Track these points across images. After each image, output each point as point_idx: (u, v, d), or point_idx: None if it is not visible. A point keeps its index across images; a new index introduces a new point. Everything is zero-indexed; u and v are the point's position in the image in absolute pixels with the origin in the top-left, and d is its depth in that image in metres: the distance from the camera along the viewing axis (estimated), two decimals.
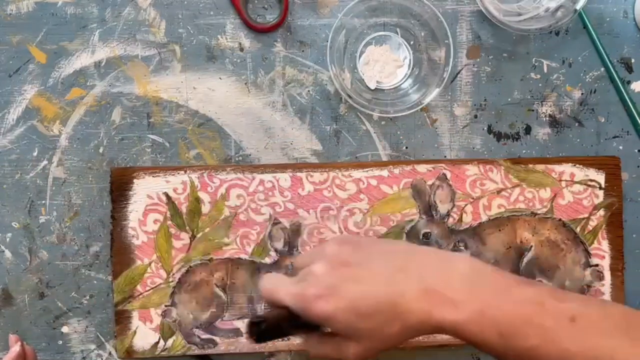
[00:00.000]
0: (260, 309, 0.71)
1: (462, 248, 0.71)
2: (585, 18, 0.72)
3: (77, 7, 0.72)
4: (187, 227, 0.71)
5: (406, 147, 0.73)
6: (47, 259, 0.72)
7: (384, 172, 0.71)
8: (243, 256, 0.71)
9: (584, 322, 0.47)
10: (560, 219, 0.71)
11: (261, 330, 0.53)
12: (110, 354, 0.72)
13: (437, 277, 0.49)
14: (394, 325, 0.49)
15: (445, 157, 0.73)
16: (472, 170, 0.71)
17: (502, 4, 0.69)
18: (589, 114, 0.73)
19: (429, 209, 0.71)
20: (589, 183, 0.72)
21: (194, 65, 0.72)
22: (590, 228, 0.72)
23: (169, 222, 0.71)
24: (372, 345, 0.51)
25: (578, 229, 0.72)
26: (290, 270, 0.70)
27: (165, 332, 0.71)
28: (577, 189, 0.72)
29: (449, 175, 0.71)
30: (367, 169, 0.71)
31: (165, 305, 0.71)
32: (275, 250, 0.71)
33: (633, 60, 0.73)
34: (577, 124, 0.73)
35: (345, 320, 0.49)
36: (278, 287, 0.53)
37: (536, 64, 0.73)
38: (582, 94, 0.73)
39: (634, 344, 0.46)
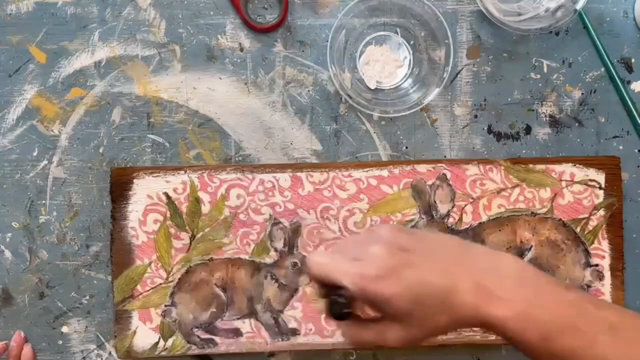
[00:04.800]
0: (260, 308, 0.71)
1: None
2: (585, 18, 0.72)
3: (77, 7, 0.72)
4: (187, 227, 0.71)
5: (406, 147, 0.73)
6: (47, 259, 0.72)
7: (384, 172, 0.71)
8: (243, 256, 0.71)
9: (622, 331, 0.48)
10: (560, 219, 0.71)
11: (342, 307, 0.51)
12: (110, 354, 0.72)
13: (487, 274, 0.50)
14: (443, 315, 0.49)
15: (445, 157, 0.73)
16: (472, 170, 0.71)
17: (502, 4, 0.69)
18: (589, 114, 0.73)
19: (429, 209, 0.71)
20: (589, 183, 0.72)
21: (194, 65, 0.72)
22: (590, 228, 0.72)
23: (169, 222, 0.71)
24: (417, 333, 0.50)
25: (578, 229, 0.71)
26: (292, 270, 0.70)
27: (165, 332, 0.71)
28: (577, 189, 0.72)
29: (449, 175, 0.71)
30: (367, 169, 0.71)
31: (165, 305, 0.71)
32: (275, 250, 0.71)
33: (633, 60, 0.73)
34: (577, 124, 0.73)
35: (401, 304, 0.49)
36: (334, 264, 0.52)
37: (536, 64, 0.73)
38: (582, 94, 0.73)
39: None
